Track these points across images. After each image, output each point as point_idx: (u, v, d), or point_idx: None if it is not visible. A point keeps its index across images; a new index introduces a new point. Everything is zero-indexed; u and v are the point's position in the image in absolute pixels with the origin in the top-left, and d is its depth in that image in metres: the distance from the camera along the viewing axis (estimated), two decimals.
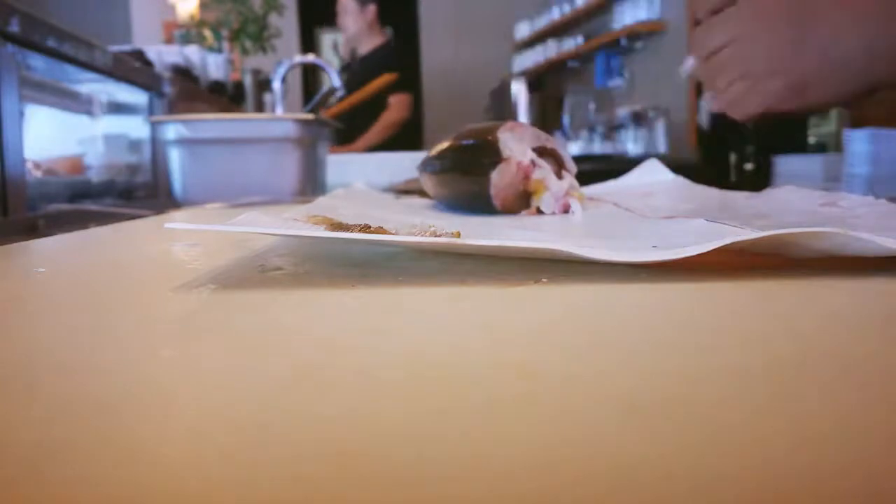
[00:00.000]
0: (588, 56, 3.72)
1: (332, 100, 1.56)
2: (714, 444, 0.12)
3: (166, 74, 1.53)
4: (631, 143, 3.15)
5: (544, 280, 0.27)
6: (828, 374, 0.15)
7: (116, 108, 1.42)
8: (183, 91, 1.58)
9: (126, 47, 1.63)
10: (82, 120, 1.32)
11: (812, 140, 2.41)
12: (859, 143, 1.54)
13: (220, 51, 2.47)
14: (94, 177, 1.30)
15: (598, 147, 3.26)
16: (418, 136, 2.75)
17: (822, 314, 0.22)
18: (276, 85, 1.33)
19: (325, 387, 0.15)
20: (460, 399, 0.14)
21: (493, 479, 0.11)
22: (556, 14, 3.92)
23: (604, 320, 0.22)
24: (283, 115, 1.27)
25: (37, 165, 1.11)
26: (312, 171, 1.02)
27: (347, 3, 2.42)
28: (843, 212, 0.41)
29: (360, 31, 2.45)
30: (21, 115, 0.91)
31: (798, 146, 2.31)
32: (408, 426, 0.13)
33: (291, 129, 0.98)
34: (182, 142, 0.97)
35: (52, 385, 0.16)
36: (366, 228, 0.32)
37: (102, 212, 0.95)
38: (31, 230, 0.84)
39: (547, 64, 4.07)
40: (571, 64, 3.94)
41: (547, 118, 3.79)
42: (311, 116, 1.05)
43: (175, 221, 0.31)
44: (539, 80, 4.14)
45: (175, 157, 0.98)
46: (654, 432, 0.12)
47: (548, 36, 4.06)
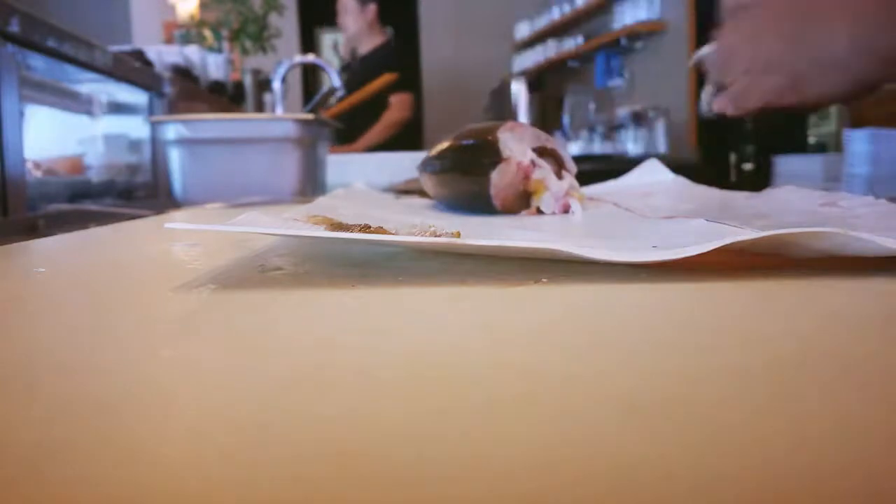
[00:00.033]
0: (588, 56, 3.72)
1: (332, 100, 1.56)
2: (714, 444, 0.12)
3: (166, 74, 1.53)
4: (631, 143, 3.14)
5: (544, 280, 0.27)
6: (828, 374, 0.15)
7: (116, 108, 1.42)
8: (183, 91, 1.58)
9: (126, 47, 1.63)
10: (82, 120, 1.32)
11: (812, 140, 2.41)
12: (859, 143, 1.54)
13: (220, 51, 2.46)
14: (94, 177, 1.30)
15: (598, 147, 3.26)
16: (418, 136, 2.75)
17: (822, 314, 0.22)
18: (276, 85, 1.33)
19: (325, 387, 0.15)
20: (460, 399, 0.14)
21: (493, 479, 0.11)
22: (556, 14, 3.92)
23: (604, 320, 0.22)
24: (283, 115, 1.27)
25: (37, 165, 1.11)
26: (312, 171, 1.02)
27: (348, 2, 2.42)
28: (843, 212, 0.41)
29: (360, 30, 2.45)
30: (21, 115, 0.91)
31: (798, 146, 2.31)
32: (408, 426, 0.13)
33: (291, 129, 0.98)
34: (182, 142, 0.97)
35: (52, 385, 0.16)
36: (366, 228, 0.32)
37: (102, 212, 0.95)
38: (31, 230, 0.84)
39: (547, 64, 4.06)
40: (571, 64, 3.94)
41: (547, 118, 3.79)
42: (311, 116, 1.05)
43: (175, 221, 0.31)
44: (539, 80, 4.14)
45: (175, 157, 0.98)
46: (654, 432, 0.12)
47: (548, 36, 4.06)
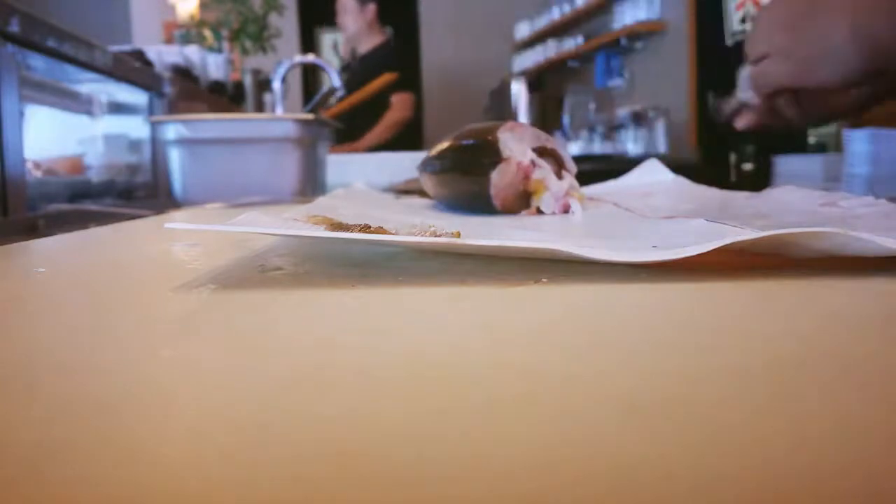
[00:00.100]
0: (588, 56, 3.72)
1: (332, 100, 1.56)
2: (714, 444, 0.12)
3: (166, 74, 1.53)
4: (631, 143, 3.14)
5: (544, 280, 0.27)
6: (828, 374, 0.15)
7: (116, 108, 1.42)
8: (183, 91, 1.58)
9: (126, 47, 1.63)
10: (82, 120, 1.32)
11: (812, 140, 2.40)
12: (859, 143, 1.54)
13: (220, 51, 2.46)
14: (94, 177, 1.30)
15: (598, 147, 3.26)
16: (418, 136, 2.75)
17: (822, 314, 0.22)
18: (276, 85, 1.33)
19: (325, 387, 0.15)
20: (460, 399, 0.14)
21: (493, 479, 0.11)
22: (556, 14, 3.92)
23: (604, 320, 0.22)
24: (283, 115, 1.27)
25: (37, 165, 1.11)
26: (312, 171, 1.02)
27: (347, 2, 2.42)
28: (843, 212, 0.41)
29: (359, 30, 2.44)
30: (21, 115, 0.91)
31: (798, 146, 2.31)
32: (408, 426, 0.13)
33: (291, 129, 0.98)
34: (182, 142, 0.97)
35: (52, 385, 0.16)
36: (366, 228, 0.32)
37: (102, 212, 0.95)
38: (31, 230, 0.84)
39: (547, 64, 4.06)
40: (571, 64, 3.94)
41: (547, 118, 3.79)
42: (311, 116, 1.05)
43: (175, 221, 0.31)
44: (539, 80, 4.14)
45: (175, 157, 0.98)
46: (654, 432, 0.12)
47: (548, 36, 4.06)
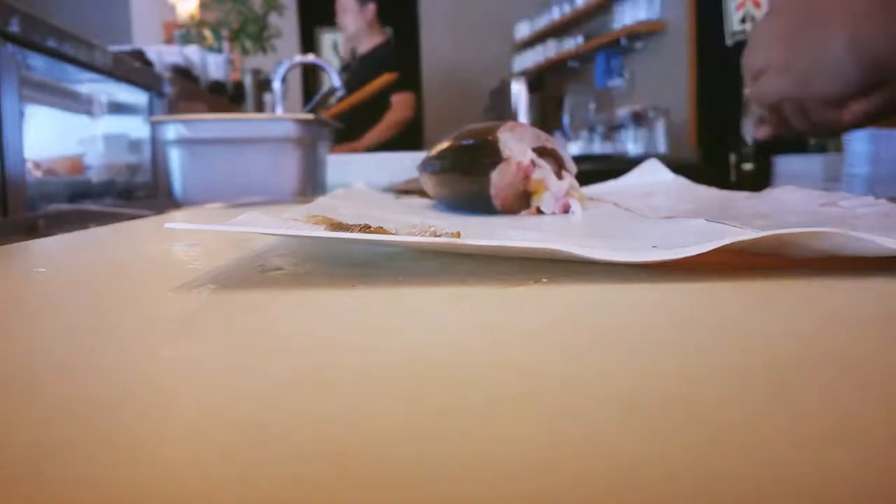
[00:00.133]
0: (588, 56, 3.72)
1: (332, 100, 1.56)
2: (714, 444, 0.12)
3: (166, 74, 1.53)
4: (631, 143, 3.14)
5: (544, 280, 0.27)
6: (828, 374, 0.15)
7: (116, 108, 1.42)
8: (183, 91, 1.58)
9: (126, 47, 1.63)
10: (82, 120, 1.32)
11: (812, 140, 2.40)
12: (859, 143, 1.54)
13: (220, 51, 2.47)
14: (94, 177, 1.30)
15: (598, 147, 3.26)
16: (418, 136, 2.75)
17: (822, 314, 0.22)
18: (276, 85, 1.33)
19: (325, 387, 0.15)
20: (460, 399, 0.14)
21: (493, 479, 0.11)
22: (556, 14, 3.92)
23: (604, 320, 0.22)
24: (283, 115, 1.27)
25: (37, 165, 1.11)
26: (312, 171, 1.02)
27: (347, 1, 2.42)
28: (843, 212, 0.41)
29: (359, 29, 2.44)
30: (21, 115, 0.91)
31: (798, 146, 2.31)
32: (408, 426, 0.13)
33: (291, 129, 0.98)
34: (182, 142, 0.97)
35: (52, 385, 0.16)
36: (366, 228, 0.32)
37: (102, 212, 0.95)
38: (31, 230, 0.84)
39: (547, 64, 4.06)
40: (571, 64, 3.94)
41: (547, 118, 3.79)
42: (311, 116, 1.05)
43: (175, 221, 0.31)
44: (539, 80, 4.14)
45: (175, 157, 0.98)
46: (654, 432, 0.12)
47: (548, 36, 4.06)
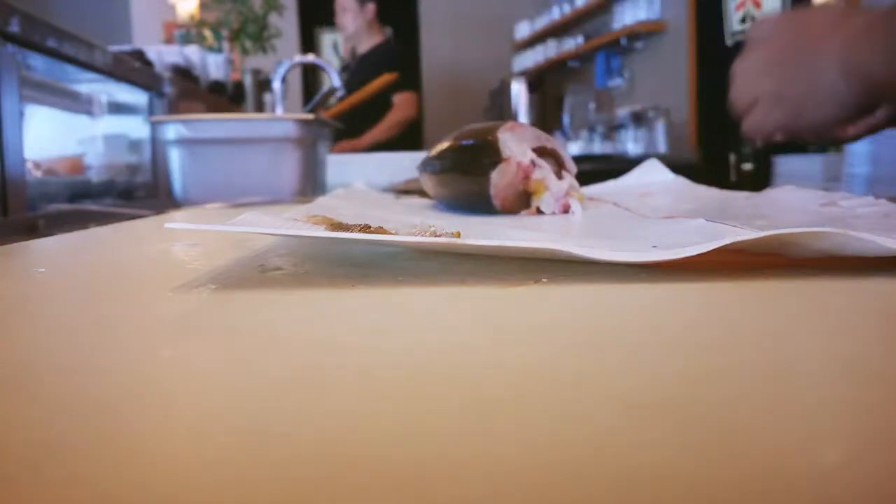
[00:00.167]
0: (588, 56, 3.72)
1: (332, 100, 1.56)
2: (714, 444, 0.12)
3: (166, 74, 1.53)
4: (631, 143, 3.14)
5: (544, 280, 0.27)
6: (828, 374, 0.15)
7: (116, 108, 1.42)
8: (183, 91, 1.58)
9: (126, 47, 1.63)
10: (82, 120, 1.32)
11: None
12: (859, 143, 1.54)
13: (220, 51, 2.47)
14: (94, 177, 1.30)
15: (598, 147, 3.26)
16: (418, 136, 2.75)
17: (822, 314, 0.22)
18: (276, 85, 1.33)
19: (325, 387, 0.15)
20: (460, 399, 0.14)
21: (492, 479, 0.11)
22: (556, 14, 3.92)
23: (604, 320, 0.22)
24: (283, 115, 1.27)
25: (37, 165, 1.11)
26: (312, 171, 1.02)
27: (346, 1, 2.42)
28: (843, 212, 0.41)
29: (358, 29, 2.44)
30: (21, 115, 0.91)
31: (798, 146, 2.31)
32: (408, 426, 0.13)
33: (291, 129, 0.98)
34: (182, 142, 0.97)
35: (52, 385, 0.16)
36: (366, 228, 0.32)
37: (102, 212, 0.95)
38: (31, 230, 0.84)
39: (547, 64, 4.06)
40: (571, 64, 3.93)
41: (547, 118, 3.80)
42: (311, 116, 1.05)
43: (175, 221, 0.31)
44: (539, 80, 4.14)
45: (175, 157, 0.98)
46: (654, 432, 0.12)
47: (548, 36, 4.06)
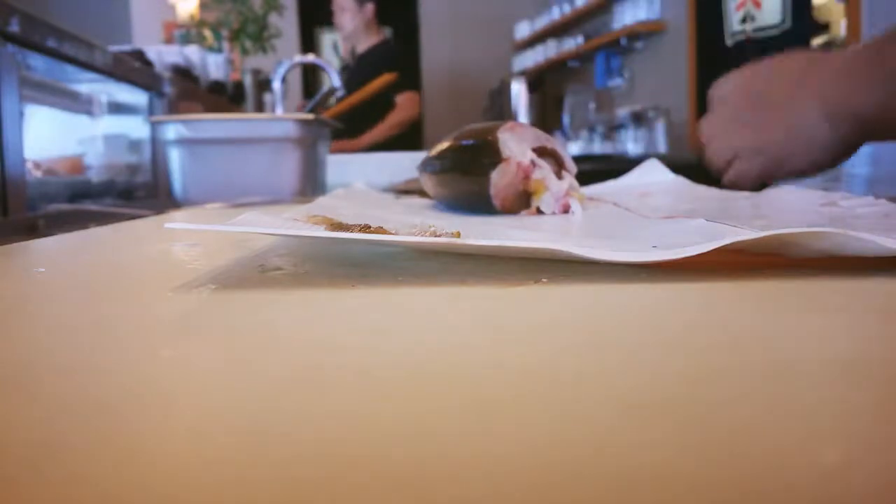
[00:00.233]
0: (588, 56, 3.72)
1: (332, 100, 1.56)
2: (714, 445, 0.12)
3: (166, 74, 1.53)
4: (631, 143, 3.14)
5: (544, 280, 0.27)
6: (828, 374, 0.15)
7: (116, 108, 1.42)
8: (183, 91, 1.58)
9: (126, 47, 1.63)
10: (82, 120, 1.32)
11: None
12: None
13: (220, 51, 2.47)
14: (94, 177, 1.30)
15: (598, 147, 3.26)
16: (418, 136, 2.75)
17: (823, 314, 0.22)
18: (276, 85, 1.33)
19: (325, 387, 0.15)
20: (461, 399, 0.14)
21: (492, 479, 0.11)
22: (556, 14, 3.92)
23: (604, 320, 0.22)
24: (283, 115, 1.27)
25: (37, 165, 1.11)
26: (312, 171, 1.02)
27: (345, 1, 2.41)
28: (843, 212, 0.41)
29: (357, 29, 2.43)
30: (21, 115, 0.91)
31: None
32: (408, 426, 0.13)
33: (291, 129, 0.98)
34: (182, 142, 0.97)
35: (52, 385, 0.16)
36: (366, 228, 0.32)
37: (102, 212, 0.95)
38: (31, 230, 0.84)
39: (547, 64, 4.06)
40: (571, 64, 3.93)
41: (547, 118, 3.80)
42: (311, 116, 1.05)
43: (175, 221, 0.31)
44: (539, 80, 4.14)
45: (175, 157, 0.98)
46: (654, 432, 0.12)
47: (548, 36, 4.06)
